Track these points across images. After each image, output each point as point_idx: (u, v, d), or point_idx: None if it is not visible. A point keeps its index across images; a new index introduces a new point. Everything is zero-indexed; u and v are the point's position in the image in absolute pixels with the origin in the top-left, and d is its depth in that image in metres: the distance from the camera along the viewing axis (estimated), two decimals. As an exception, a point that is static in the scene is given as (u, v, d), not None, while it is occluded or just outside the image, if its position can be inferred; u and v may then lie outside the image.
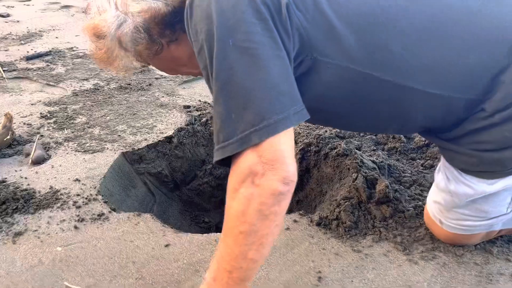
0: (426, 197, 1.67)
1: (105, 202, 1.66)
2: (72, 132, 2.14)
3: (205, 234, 1.55)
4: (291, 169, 0.92)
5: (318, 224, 1.58)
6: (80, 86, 2.67)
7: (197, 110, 2.35)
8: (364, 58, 1.06)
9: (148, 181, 2.04)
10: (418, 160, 1.96)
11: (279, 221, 0.95)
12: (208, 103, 2.41)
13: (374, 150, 2.03)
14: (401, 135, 2.05)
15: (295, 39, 1.02)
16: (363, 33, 1.06)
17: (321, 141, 2.09)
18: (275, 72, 0.95)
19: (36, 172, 1.84)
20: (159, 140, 2.09)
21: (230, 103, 0.93)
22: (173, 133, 2.12)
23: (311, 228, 1.57)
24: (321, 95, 1.11)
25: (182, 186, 2.18)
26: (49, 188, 1.73)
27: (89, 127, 2.19)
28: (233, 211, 0.95)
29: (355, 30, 1.05)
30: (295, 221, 1.61)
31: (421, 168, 1.90)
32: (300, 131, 2.18)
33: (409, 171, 1.86)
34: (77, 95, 2.55)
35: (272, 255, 1.43)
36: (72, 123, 2.23)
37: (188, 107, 2.39)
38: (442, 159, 1.35)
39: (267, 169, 0.90)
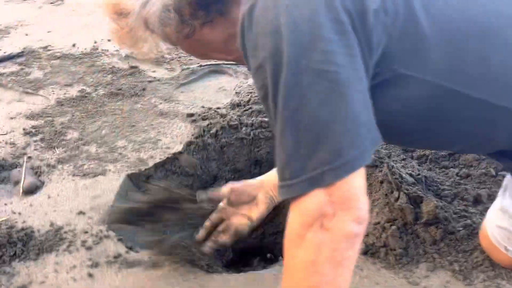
0: (472, 213, 1.55)
1: (119, 239, 1.44)
2: (65, 152, 1.88)
3: (241, 274, 1.36)
4: (364, 206, 0.82)
5: (365, 253, 1.43)
6: (64, 93, 2.38)
7: (203, 119, 2.12)
8: (455, 73, 0.93)
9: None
10: (451, 168, 1.83)
11: (353, 266, 0.85)
12: (214, 110, 2.18)
13: (404, 159, 1.88)
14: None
15: (378, 51, 0.87)
16: (458, 44, 0.92)
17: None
18: (356, 99, 0.81)
19: (31, 205, 1.58)
20: (167, 157, 1.86)
21: (300, 136, 0.80)
22: (182, 148, 1.89)
23: (358, 259, 1.41)
24: (394, 111, 0.98)
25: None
26: (50, 225, 1.49)
27: (83, 144, 1.93)
28: (300, 262, 0.83)
29: (448, 40, 0.91)
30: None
31: (457, 178, 1.77)
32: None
33: (447, 183, 1.73)
34: (62, 104, 2.27)
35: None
36: (63, 139, 1.96)
37: (192, 115, 2.17)
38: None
39: (338, 209, 0.80)
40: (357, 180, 0.80)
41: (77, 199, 1.60)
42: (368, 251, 1.42)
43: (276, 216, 2.10)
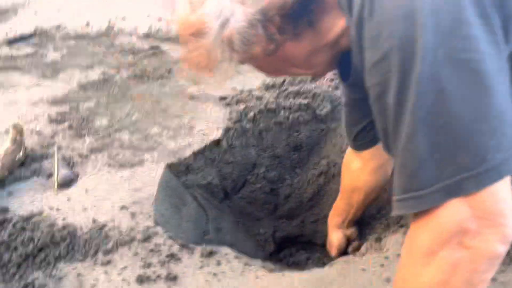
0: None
1: (170, 237, 1.33)
2: (96, 140, 1.75)
3: (305, 272, 1.27)
4: (511, 223, 0.71)
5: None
6: (86, 77, 2.24)
7: (237, 102, 1.99)
8: None
9: (198, 195, 1.71)
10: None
11: None
12: (247, 92, 2.05)
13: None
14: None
15: None
16: None
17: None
18: (501, 94, 0.69)
19: (68, 199, 1.47)
20: (206, 145, 1.74)
21: (437, 138, 0.69)
22: (222, 134, 1.77)
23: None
24: None
25: (232, 195, 1.86)
26: (92, 222, 1.38)
27: (115, 131, 1.81)
28: (429, 282, 0.74)
29: None
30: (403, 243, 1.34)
31: None
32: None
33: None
34: (85, 88, 2.13)
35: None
36: (92, 127, 1.84)
37: (225, 98, 2.04)
38: None
39: (482, 226, 0.70)
40: (503, 190, 0.70)
41: (117, 193, 1.49)
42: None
43: (315, 205, 2.01)
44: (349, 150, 1.39)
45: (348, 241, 1.56)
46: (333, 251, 1.56)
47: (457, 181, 0.68)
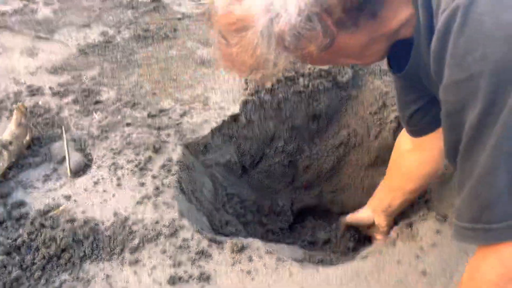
0: None
1: (197, 231, 1.28)
2: (106, 117, 1.64)
3: (338, 266, 1.24)
4: None
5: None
6: (84, 38, 2.06)
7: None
8: None
9: (217, 173, 1.64)
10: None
11: None
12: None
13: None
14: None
15: None
16: None
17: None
18: None
19: (85, 189, 1.39)
20: (224, 121, 1.64)
21: None
22: (240, 109, 1.66)
23: (460, 241, 1.28)
24: None
25: (251, 169, 1.80)
26: (114, 216, 1.31)
27: (124, 106, 1.68)
28: None
29: None
30: (437, 231, 1.31)
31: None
32: (389, 91, 1.78)
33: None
34: (86, 53, 1.97)
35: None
36: (99, 100, 1.71)
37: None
38: None
39: None
40: None
41: (136, 181, 1.41)
42: (471, 232, 1.29)
43: (334, 175, 1.96)
44: (402, 137, 1.30)
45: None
46: (379, 236, 1.51)
47: None
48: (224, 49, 0.77)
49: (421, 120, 1.13)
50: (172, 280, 1.17)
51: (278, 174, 1.85)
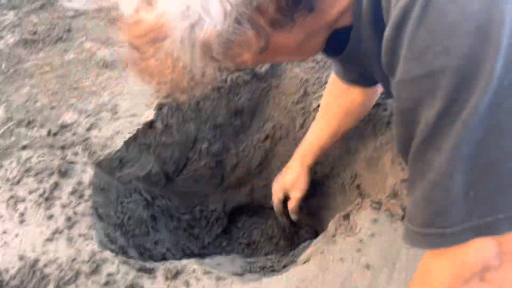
0: None
1: (123, 262, 1.13)
2: (-4, 141, 1.40)
3: (282, 275, 1.17)
4: None
5: (403, 218, 1.30)
6: (-43, 48, 1.75)
7: (164, 67, 1.70)
8: None
9: (138, 188, 1.48)
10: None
11: None
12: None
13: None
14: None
15: None
16: None
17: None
18: None
19: (-21, 233, 1.17)
20: (138, 130, 1.47)
21: (476, 176, 0.62)
22: (154, 114, 1.51)
23: (396, 227, 1.28)
24: None
25: (175, 177, 1.66)
26: (20, 260, 1.12)
27: (18, 126, 1.45)
28: None
29: None
30: (374, 220, 1.29)
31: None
32: (311, 79, 1.73)
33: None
34: (-39, 66, 1.67)
35: (377, 283, 1.14)
36: (-15, 122, 1.46)
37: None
38: None
39: (505, 261, 0.67)
40: None
41: (43, 213, 1.22)
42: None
43: (263, 170, 1.89)
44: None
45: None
46: (299, 195, 1.49)
47: (491, 222, 0.63)
48: (138, 62, 0.65)
49: (364, 80, 1.14)
50: (101, 325, 1.02)
51: (206, 177, 1.73)
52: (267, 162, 1.84)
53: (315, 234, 1.72)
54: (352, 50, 0.81)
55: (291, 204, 1.54)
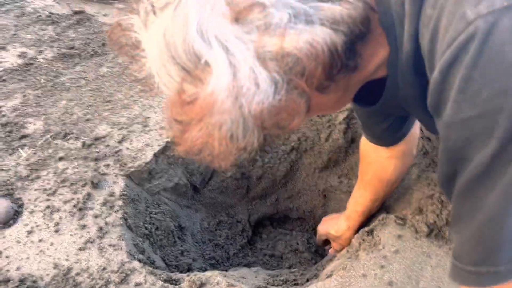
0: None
1: (150, 273, 1.17)
2: (34, 153, 1.47)
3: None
4: None
5: (428, 235, 1.29)
6: (1, 62, 1.85)
7: (192, 81, 1.75)
8: None
9: (166, 199, 1.53)
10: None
11: None
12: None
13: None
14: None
15: None
16: None
17: (368, 104, 1.69)
18: None
19: (18, 241, 1.24)
20: (167, 141, 1.52)
21: None
22: (183, 127, 1.55)
23: (421, 244, 1.27)
24: None
25: (202, 188, 1.70)
26: (54, 268, 1.18)
27: (55, 138, 1.52)
28: None
29: None
30: (398, 237, 1.29)
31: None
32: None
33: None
34: (3, 80, 1.77)
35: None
36: (25, 134, 1.54)
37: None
38: None
39: None
40: None
41: (76, 223, 1.28)
42: (432, 233, 1.28)
43: (288, 181, 1.90)
44: (365, 141, 1.25)
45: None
46: (336, 247, 1.51)
47: None
48: (180, 134, 0.62)
49: (395, 135, 1.10)
50: (128, 334, 1.06)
51: (231, 189, 1.76)
52: (293, 173, 1.86)
53: (340, 247, 1.72)
54: (388, 98, 0.79)
55: (331, 252, 1.55)
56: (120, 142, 1.51)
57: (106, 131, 1.55)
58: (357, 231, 1.43)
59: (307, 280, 1.32)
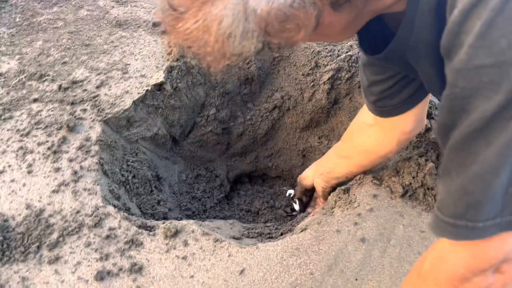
0: None
1: (125, 218, 1.17)
2: (8, 93, 1.42)
3: (278, 241, 1.20)
4: None
5: (403, 196, 1.31)
6: (-27, -3, 1.75)
7: (176, 30, 1.69)
8: None
9: (144, 149, 1.50)
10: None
11: None
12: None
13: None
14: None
15: None
16: None
17: (354, 64, 1.67)
18: None
19: (-12, 180, 1.21)
20: (147, 91, 1.48)
21: None
22: (164, 76, 1.51)
23: (395, 203, 1.29)
24: None
25: (181, 140, 1.67)
26: (26, 208, 1.16)
27: (30, 79, 1.47)
28: None
29: None
30: (374, 196, 1.31)
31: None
32: (323, 52, 1.71)
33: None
34: (-24, 15, 1.68)
35: (370, 256, 1.16)
36: (-3, 73, 1.48)
37: (159, 24, 1.71)
38: None
39: None
40: None
41: (50, 166, 1.25)
42: (406, 194, 1.30)
43: (269, 140, 1.90)
44: (365, 109, 1.20)
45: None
46: (321, 202, 1.49)
47: None
48: (174, 23, 0.58)
49: (390, 101, 1.05)
50: (100, 275, 1.06)
51: (211, 143, 1.74)
52: (274, 132, 1.85)
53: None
54: (399, 43, 0.75)
55: (313, 212, 1.51)
56: (98, 87, 1.47)
57: (84, 75, 1.50)
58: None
59: (281, 234, 1.34)
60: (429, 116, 1.43)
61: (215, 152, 1.79)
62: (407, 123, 1.14)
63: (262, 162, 1.91)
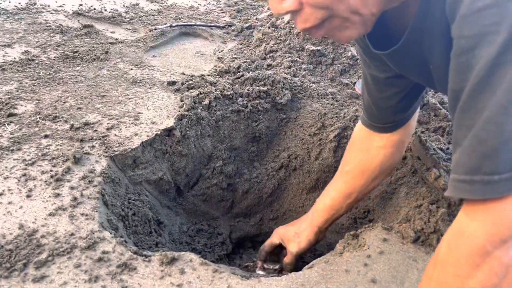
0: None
1: (120, 243, 1.10)
2: (20, 129, 1.45)
3: (282, 277, 1.10)
4: None
5: (415, 241, 1.23)
6: (4, 56, 1.89)
7: (188, 88, 1.78)
8: None
9: (148, 192, 1.48)
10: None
11: None
12: (199, 77, 1.85)
13: (422, 132, 1.71)
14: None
15: None
16: None
17: (359, 124, 1.71)
18: None
19: (-14, 201, 1.17)
20: (156, 134, 1.51)
21: None
22: (174, 123, 1.55)
23: (408, 248, 1.21)
24: None
25: (185, 191, 1.65)
26: (19, 228, 1.10)
27: (44, 119, 1.51)
28: (478, 285, 0.63)
29: None
30: (384, 240, 1.23)
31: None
32: (329, 114, 1.77)
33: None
34: (4, 69, 1.79)
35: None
36: (13, 113, 1.52)
37: (174, 83, 1.81)
38: None
39: None
40: None
41: (50, 192, 1.22)
42: (418, 239, 1.23)
43: (275, 201, 1.86)
44: (361, 127, 1.23)
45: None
46: (295, 250, 1.37)
47: None
48: None
49: (409, 108, 1.10)
50: (87, 296, 0.96)
51: (216, 199, 1.71)
52: (280, 192, 1.82)
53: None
54: (415, 30, 0.78)
55: (287, 259, 1.40)
56: (108, 129, 1.50)
57: (96, 119, 1.54)
58: (320, 233, 1.35)
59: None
60: (435, 164, 1.42)
61: (219, 209, 1.75)
62: (406, 137, 1.22)
63: (267, 225, 1.84)
